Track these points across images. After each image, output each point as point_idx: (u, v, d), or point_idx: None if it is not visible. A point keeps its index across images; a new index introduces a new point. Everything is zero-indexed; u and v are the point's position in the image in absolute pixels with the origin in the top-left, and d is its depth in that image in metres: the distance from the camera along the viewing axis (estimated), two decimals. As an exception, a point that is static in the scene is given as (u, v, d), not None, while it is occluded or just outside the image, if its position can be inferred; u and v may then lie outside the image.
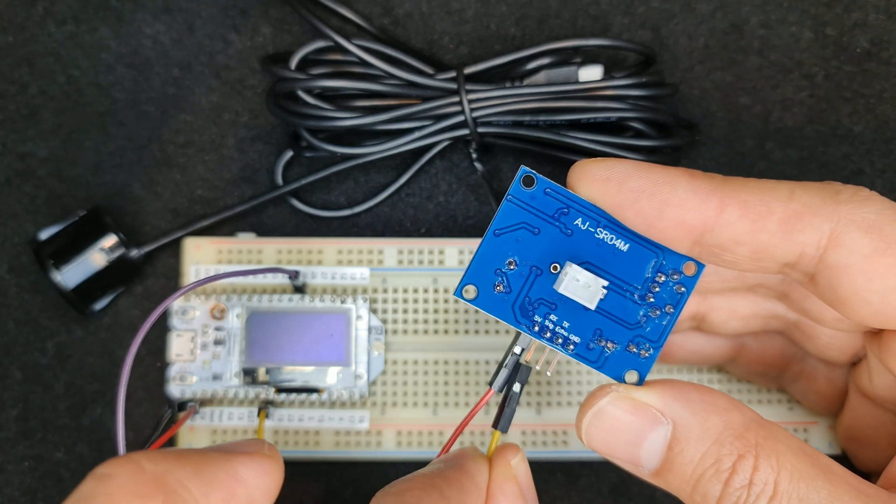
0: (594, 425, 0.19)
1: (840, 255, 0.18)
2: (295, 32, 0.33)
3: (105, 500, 0.17)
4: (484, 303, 0.20)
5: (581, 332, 0.20)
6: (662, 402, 0.19)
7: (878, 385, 0.23)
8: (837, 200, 0.18)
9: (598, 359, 0.20)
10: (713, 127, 0.32)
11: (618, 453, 0.19)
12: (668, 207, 0.19)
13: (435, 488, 0.20)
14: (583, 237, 0.20)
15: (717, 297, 0.25)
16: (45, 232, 0.29)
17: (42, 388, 0.30)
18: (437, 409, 0.29)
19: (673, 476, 0.19)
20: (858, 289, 0.18)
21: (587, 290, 0.19)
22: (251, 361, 0.29)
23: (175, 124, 0.32)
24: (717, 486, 0.18)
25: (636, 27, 0.33)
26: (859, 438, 0.25)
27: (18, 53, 0.32)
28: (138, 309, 0.31)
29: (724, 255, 0.19)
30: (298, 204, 0.31)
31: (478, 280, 0.20)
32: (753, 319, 0.25)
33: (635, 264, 0.20)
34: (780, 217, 0.18)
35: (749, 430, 0.18)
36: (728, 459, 0.18)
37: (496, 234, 0.20)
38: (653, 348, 0.20)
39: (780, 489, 0.18)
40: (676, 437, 0.19)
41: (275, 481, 0.20)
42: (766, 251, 0.19)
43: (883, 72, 0.32)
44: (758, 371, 0.27)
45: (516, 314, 0.20)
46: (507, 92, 0.29)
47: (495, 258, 0.20)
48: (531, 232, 0.20)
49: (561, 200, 0.20)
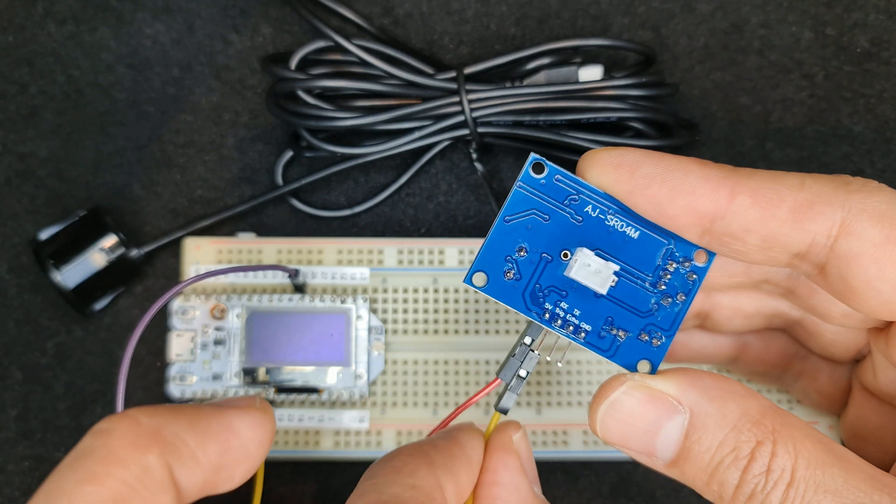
0: (609, 416, 0.19)
1: (851, 243, 0.18)
2: (295, 32, 0.33)
3: (104, 453, 0.18)
4: (494, 290, 0.20)
5: (592, 321, 0.20)
6: (679, 390, 0.19)
7: (883, 381, 0.23)
8: (848, 190, 0.18)
9: (610, 347, 0.20)
10: (713, 127, 0.32)
11: (633, 444, 0.19)
12: (679, 194, 0.19)
13: (423, 454, 0.20)
14: (593, 224, 0.20)
15: (722, 294, 0.25)
16: (45, 232, 0.29)
17: (42, 388, 0.30)
18: (437, 409, 0.29)
19: (690, 465, 0.19)
20: (870, 277, 0.18)
21: (598, 275, 0.19)
22: (251, 361, 0.29)
23: (175, 124, 0.32)
24: (735, 474, 0.18)
25: (636, 27, 0.33)
26: (864, 436, 0.25)
27: (18, 53, 0.32)
28: (138, 309, 0.31)
29: (733, 244, 0.19)
30: (298, 204, 0.31)
31: (488, 267, 0.20)
32: (757, 318, 0.25)
33: (646, 252, 0.20)
34: (790, 205, 0.18)
35: (766, 417, 0.18)
36: (746, 446, 0.18)
37: (506, 220, 0.20)
38: (665, 337, 0.20)
39: (798, 476, 0.17)
40: (694, 426, 0.18)
41: (267, 433, 0.21)
42: (777, 240, 0.19)
43: (883, 72, 0.32)
44: (760, 371, 0.27)
45: (527, 302, 0.20)
46: (507, 92, 0.29)
47: (505, 245, 0.20)
48: (541, 219, 0.20)
49: (571, 187, 0.20)
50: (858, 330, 0.24)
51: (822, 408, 0.27)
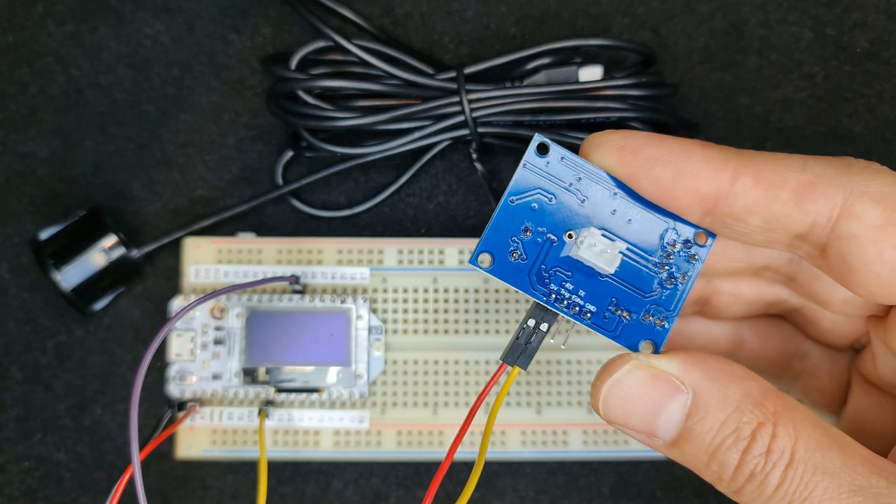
0: (612, 394, 0.19)
1: (852, 224, 0.18)
2: (295, 32, 0.33)
3: None
4: (499, 271, 0.20)
5: (597, 302, 0.20)
6: (682, 370, 0.19)
7: (883, 370, 0.23)
8: (850, 172, 0.18)
9: (615, 328, 0.20)
10: (713, 127, 0.32)
11: (635, 423, 0.19)
12: (683, 176, 0.19)
13: None
14: (597, 205, 0.20)
15: (723, 280, 0.25)
16: (45, 232, 0.29)
17: (42, 388, 0.30)
18: (437, 409, 0.29)
19: (690, 445, 0.19)
20: (870, 259, 0.18)
21: (605, 255, 0.19)
22: (251, 361, 0.29)
23: (175, 124, 0.32)
24: (736, 455, 0.18)
25: (636, 27, 0.33)
26: (864, 428, 0.25)
27: (18, 53, 0.32)
28: (138, 309, 0.31)
29: (736, 225, 0.19)
30: (298, 204, 0.31)
31: (493, 247, 0.20)
32: (757, 304, 0.25)
33: (649, 233, 0.20)
34: (792, 187, 0.18)
35: (768, 399, 0.18)
36: (748, 427, 0.18)
37: (511, 201, 0.20)
38: (668, 318, 0.20)
39: (797, 457, 0.18)
40: (696, 406, 0.18)
41: None
42: (779, 221, 0.19)
43: (883, 72, 0.32)
44: (758, 368, 0.27)
45: (532, 283, 0.20)
46: (507, 92, 0.29)
47: (511, 225, 0.20)
48: (546, 199, 0.20)
49: (575, 169, 0.20)
50: (858, 318, 0.24)
51: (822, 406, 0.27)
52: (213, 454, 0.29)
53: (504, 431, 0.29)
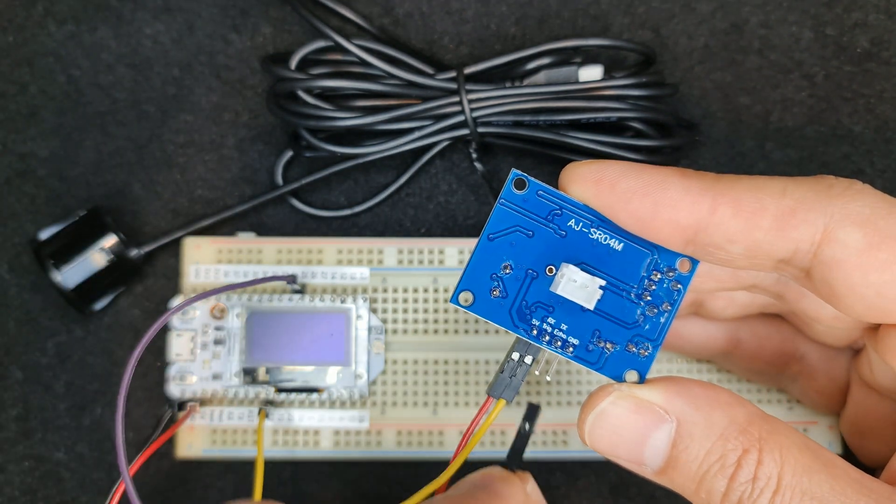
0: (597, 426, 0.19)
1: (835, 250, 0.18)
2: (295, 32, 0.33)
3: None
4: (481, 309, 0.20)
5: (580, 334, 0.20)
6: (665, 399, 0.19)
7: (880, 375, 0.23)
8: (830, 195, 0.18)
9: (598, 360, 0.20)
10: (713, 127, 0.32)
11: (622, 453, 0.19)
12: (661, 208, 0.19)
13: None
14: (577, 238, 0.20)
15: (712, 293, 0.25)
16: (45, 232, 0.29)
17: (42, 388, 0.30)
18: (437, 408, 0.29)
19: (678, 474, 0.19)
20: (854, 284, 0.18)
21: (584, 290, 0.19)
22: (251, 361, 0.29)
23: (175, 124, 0.32)
24: (723, 482, 0.18)
25: (636, 27, 0.33)
26: (864, 432, 0.25)
27: (18, 53, 0.32)
28: (138, 309, 0.31)
29: (718, 253, 0.19)
30: (298, 204, 0.31)
31: (474, 286, 0.20)
32: (752, 307, 0.25)
33: (630, 263, 0.20)
34: (773, 214, 0.18)
35: (752, 425, 0.18)
36: (733, 455, 0.18)
37: (490, 238, 0.20)
38: (652, 346, 0.20)
39: (784, 483, 0.18)
40: (681, 434, 0.18)
41: None
42: (761, 249, 0.19)
43: (883, 72, 0.32)
44: (756, 368, 0.27)
45: (514, 319, 0.20)
46: (507, 92, 0.29)
47: (490, 263, 0.20)
48: (525, 235, 0.20)
49: (553, 202, 0.20)
50: (852, 327, 0.24)
51: (820, 408, 0.27)
52: (214, 454, 0.29)
53: (504, 431, 0.29)
